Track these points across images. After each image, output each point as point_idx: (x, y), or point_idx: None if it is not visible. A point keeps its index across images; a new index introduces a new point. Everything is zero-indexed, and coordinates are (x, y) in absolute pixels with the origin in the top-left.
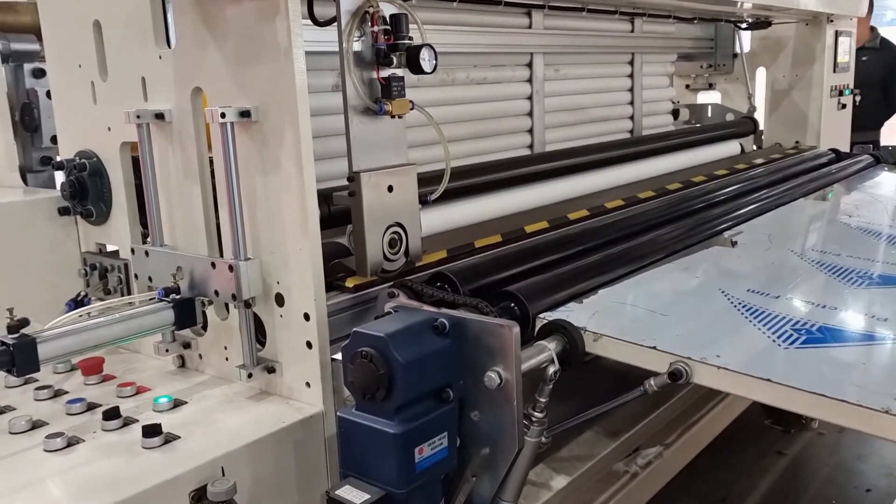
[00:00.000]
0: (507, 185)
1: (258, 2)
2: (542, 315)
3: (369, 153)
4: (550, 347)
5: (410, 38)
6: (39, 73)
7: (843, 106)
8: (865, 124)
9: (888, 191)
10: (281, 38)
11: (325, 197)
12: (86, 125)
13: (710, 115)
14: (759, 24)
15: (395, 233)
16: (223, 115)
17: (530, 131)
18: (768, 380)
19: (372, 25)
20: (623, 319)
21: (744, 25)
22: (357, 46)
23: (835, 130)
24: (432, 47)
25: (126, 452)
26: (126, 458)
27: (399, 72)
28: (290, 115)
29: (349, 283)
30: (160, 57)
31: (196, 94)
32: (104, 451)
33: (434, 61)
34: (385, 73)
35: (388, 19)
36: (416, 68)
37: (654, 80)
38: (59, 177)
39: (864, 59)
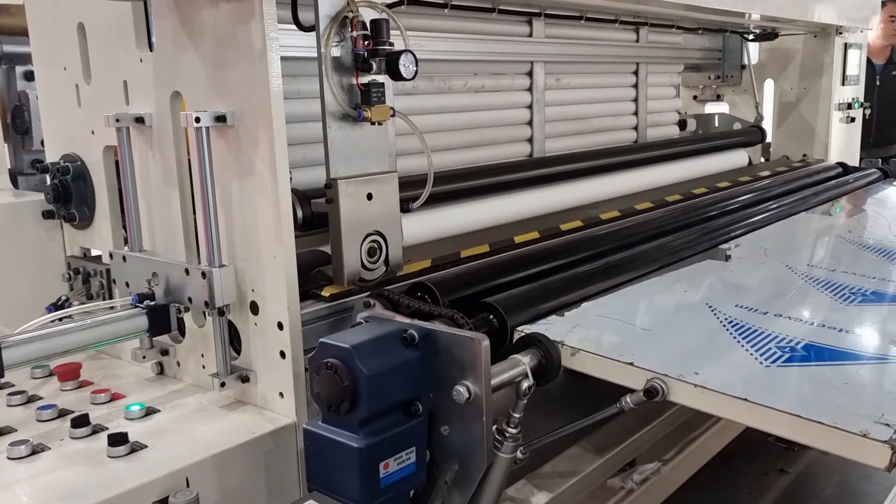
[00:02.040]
0: (499, 190)
1: (233, 4)
2: (520, 328)
3: (347, 160)
4: (525, 361)
5: (391, 44)
6: (31, 76)
7: (852, 119)
8: (884, 140)
9: (893, 205)
10: (256, 41)
11: (308, 198)
12: (70, 128)
13: (717, 124)
14: (767, 35)
15: (374, 241)
16: (198, 120)
17: (530, 140)
18: (745, 399)
19: (351, 30)
20: (604, 333)
21: (751, 37)
22: (336, 52)
23: (843, 144)
24: (413, 53)
25: (90, 461)
26: (89, 468)
27: (379, 78)
28: (264, 120)
29: (326, 293)
30: (141, 60)
31: (175, 97)
32: (68, 459)
33: (414, 67)
34: (364, 79)
35: (368, 24)
36: (395, 74)
37: (660, 91)
38: (48, 180)
39: (894, 73)
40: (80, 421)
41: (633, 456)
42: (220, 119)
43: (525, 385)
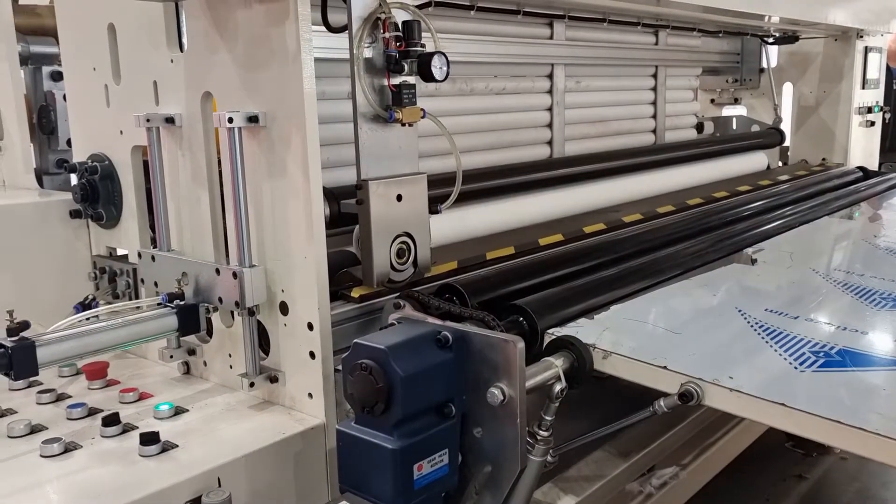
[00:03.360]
0: (523, 189)
1: (267, 5)
2: (550, 330)
3: (378, 161)
4: (557, 364)
5: (423, 46)
6: (58, 76)
7: (872, 123)
8: None
9: None
10: (290, 42)
11: (335, 195)
12: (99, 128)
13: (734, 127)
14: (787, 38)
15: (403, 242)
16: (230, 120)
17: (550, 143)
18: (783, 404)
19: (383, 32)
20: (635, 337)
21: (770, 40)
22: (368, 53)
23: (863, 148)
24: (444, 55)
25: (122, 460)
26: (121, 467)
27: (410, 79)
28: (297, 121)
29: (355, 293)
30: (172, 61)
31: (206, 98)
32: (100, 458)
33: (446, 69)
34: (396, 80)
35: (400, 26)
36: (427, 76)
37: (678, 94)
38: (75, 180)
39: None
40: (111, 420)
41: (656, 460)
42: (253, 119)
43: (557, 388)
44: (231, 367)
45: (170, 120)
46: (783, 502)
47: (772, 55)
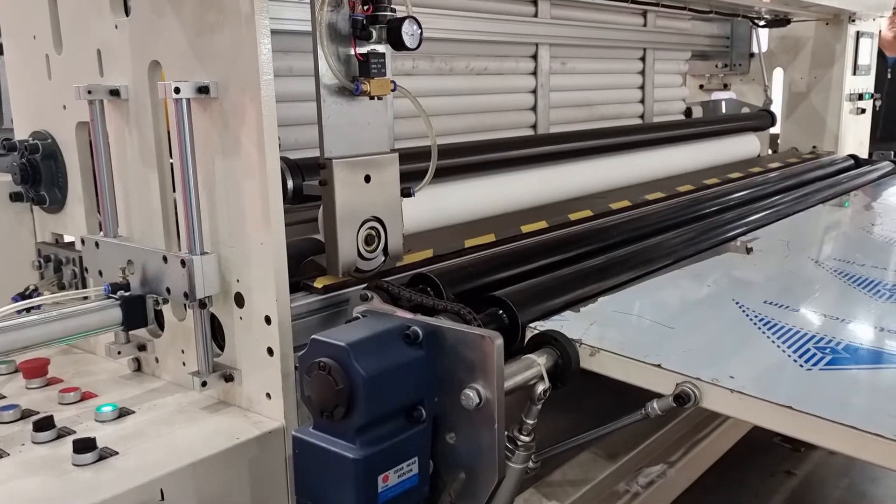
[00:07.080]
0: (505, 165)
1: None
2: (533, 324)
3: (344, 138)
4: (540, 362)
5: (393, 10)
6: (3, 50)
7: (862, 111)
8: (892, 135)
9: None
10: (242, 2)
11: (299, 167)
12: (40, 103)
13: (724, 111)
14: (778, 21)
15: (372, 228)
16: (177, 91)
17: (534, 127)
18: (790, 407)
19: None
20: (624, 331)
21: (762, 23)
22: (331, 17)
23: (854, 136)
24: (416, 20)
25: (52, 470)
26: (50, 478)
27: (380, 48)
28: (251, 92)
29: (318, 284)
30: (116, 26)
31: (154, 68)
32: (27, 467)
33: (419, 36)
34: (363, 48)
35: None
36: (397, 43)
37: (667, 79)
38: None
39: None
40: (44, 424)
41: (646, 461)
42: (203, 90)
43: (540, 388)
44: (184, 363)
45: (115, 92)
46: (772, 499)
47: (762, 39)
